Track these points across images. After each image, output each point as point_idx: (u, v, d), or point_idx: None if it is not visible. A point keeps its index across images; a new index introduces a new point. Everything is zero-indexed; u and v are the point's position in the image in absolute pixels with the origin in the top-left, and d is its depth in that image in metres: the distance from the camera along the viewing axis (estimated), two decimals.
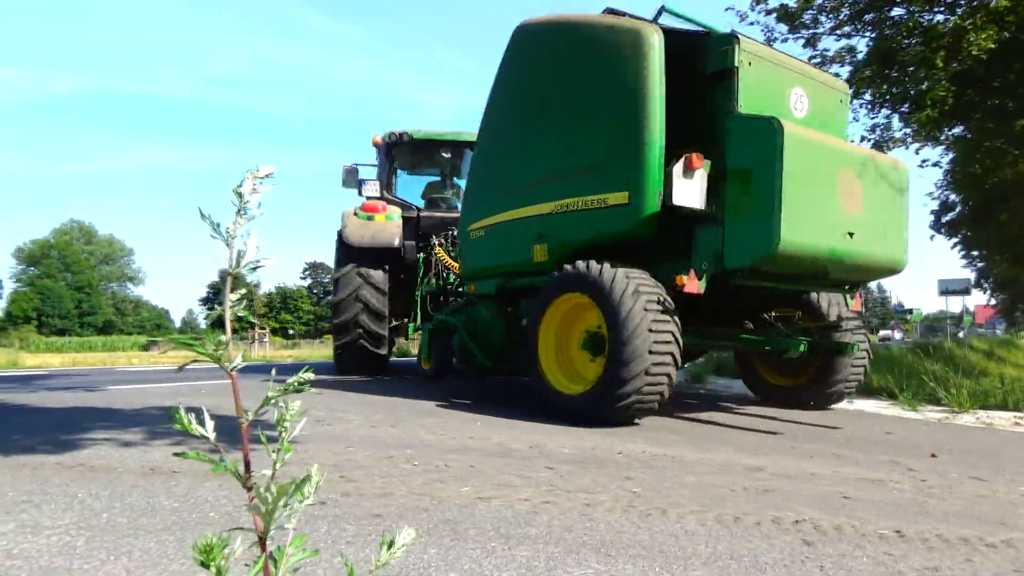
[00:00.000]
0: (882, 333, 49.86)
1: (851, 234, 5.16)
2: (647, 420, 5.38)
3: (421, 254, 9.43)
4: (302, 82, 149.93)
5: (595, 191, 5.37)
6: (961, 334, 26.09)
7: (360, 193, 9.80)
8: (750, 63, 5.22)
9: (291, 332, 71.42)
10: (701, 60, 5.31)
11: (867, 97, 13.39)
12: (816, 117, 5.61)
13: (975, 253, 30.36)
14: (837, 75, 9.84)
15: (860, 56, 12.78)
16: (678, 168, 4.99)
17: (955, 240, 27.57)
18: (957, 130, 14.97)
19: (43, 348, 52.01)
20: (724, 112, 5.13)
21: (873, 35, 12.53)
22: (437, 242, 9.13)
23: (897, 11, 12.31)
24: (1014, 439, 5.05)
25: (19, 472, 3.20)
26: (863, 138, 14.15)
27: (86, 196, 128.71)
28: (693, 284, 4.92)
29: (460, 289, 8.58)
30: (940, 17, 12.27)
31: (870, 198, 5.33)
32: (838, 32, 12.68)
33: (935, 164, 17.75)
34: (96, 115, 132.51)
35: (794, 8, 12.36)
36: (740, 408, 6.35)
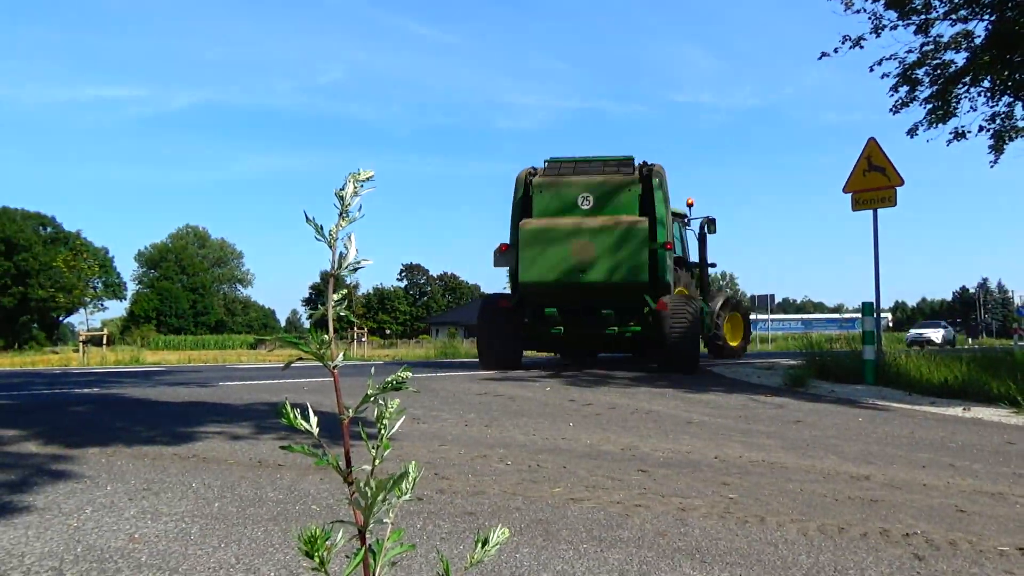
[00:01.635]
0: (912, 333, 41.84)
1: (582, 272, 9.17)
2: (743, 424, 5.23)
3: None
4: (400, 89, 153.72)
5: None
6: None
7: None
8: (541, 191, 9.73)
9: (388, 332, 73.36)
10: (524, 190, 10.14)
11: (986, 84, 12.53)
12: (600, 205, 9.55)
13: None
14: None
15: (978, 41, 11.96)
16: (496, 250, 10.03)
17: None
18: None
19: (161, 346, 55.50)
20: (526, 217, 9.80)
21: (992, 18, 11.70)
22: None
23: None
24: None
25: (140, 461, 3.43)
26: (981, 128, 13.25)
27: (200, 202, 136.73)
28: (507, 304, 9.98)
29: None
30: None
31: (603, 248, 9.13)
32: (953, 16, 11.91)
33: None
34: (209, 126, 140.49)
35: None
36: (845, 413, 6.08)
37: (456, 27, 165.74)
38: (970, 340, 60.46)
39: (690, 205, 13.16)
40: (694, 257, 13.32)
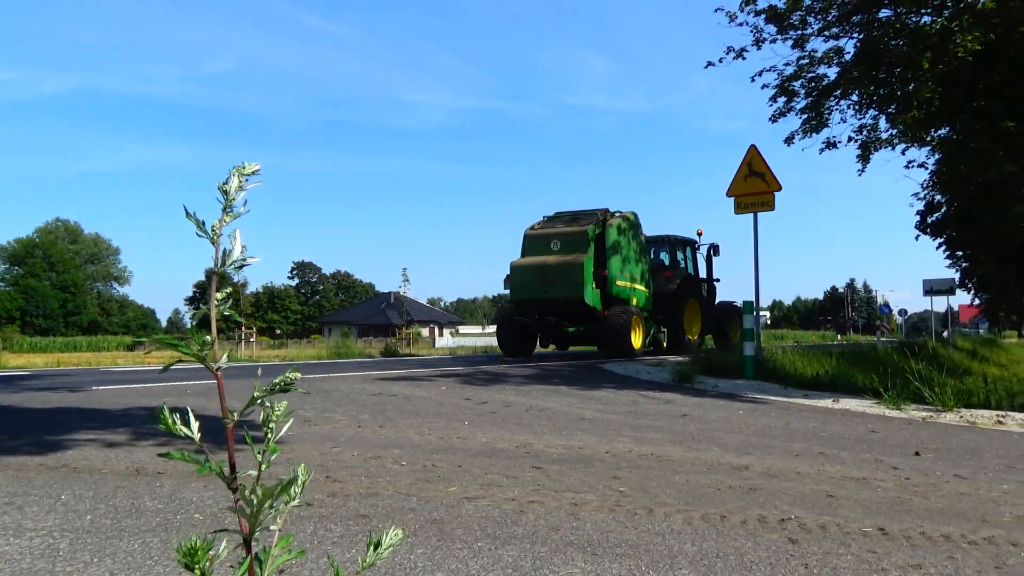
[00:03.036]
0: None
1: (545, 292, 12.79)
2: (633, 419, 5.41)
3: None
4: (293, 82, 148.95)
5: None
6: (945, 334, 26.27)
7: None
8: (529, 240, 13.37)
9: (278, 332, 71.11)
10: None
11: (854, 98, 13.48)
12: (565, 248, 12.97)
13: (959, 253, 30.66)
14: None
15: (848, 57, 12.85)
16: (505, 279, 13.68)
17: (940, 240, 27.81)
18: (943, 131, 15.10)
19: (27, 348, 51.52)
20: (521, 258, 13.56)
21: (861, 36, 12.59)
22: None
23: (885, 12, 12.38)
24: (996, 437, 5.10)
25: (2, 473, 3.18)
26: (850, 139, 14.24)
27: (73, 195, 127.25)
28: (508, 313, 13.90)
29: None
30: (927, 18, 12.36)
31: (558, 277, 12.66)
32: (826, 33, 12.73)
33: (921, 165, 17.84)
34: (83, 114, 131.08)
35: (783, 9, 12.40)
36: (727, 407, 6.39)
37: (350, 20, 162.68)
38: (839, 336, 64.93)
39: (699, 234, 16.75)
40: (705, 271, 17.00)
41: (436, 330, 62.54)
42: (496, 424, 5.02)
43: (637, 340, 13.22)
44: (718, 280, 16.89)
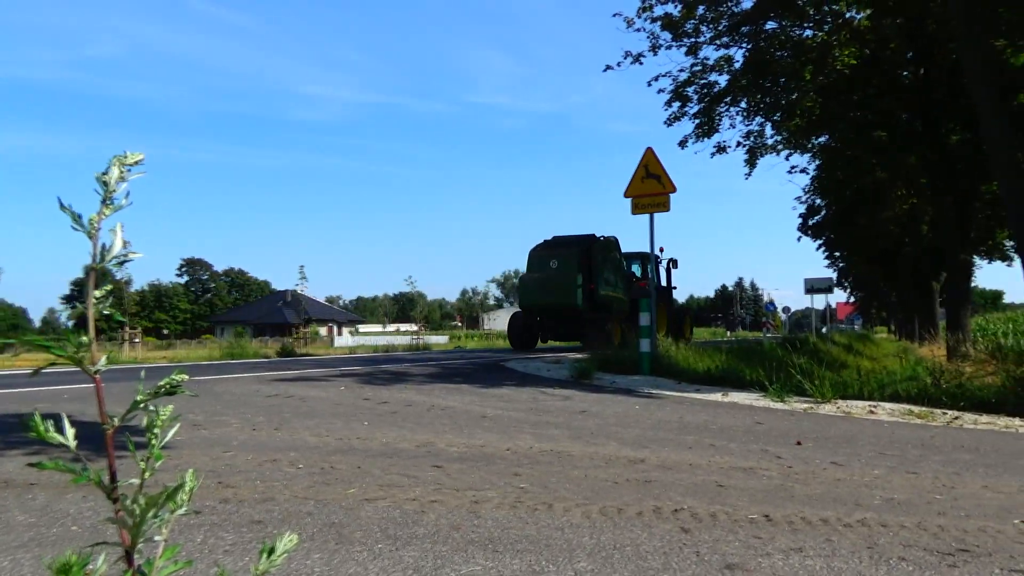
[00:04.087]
0: None
1: (546, 298, 16.14)
2: (533, 416, 5.48)
3: None
4: (184, 69, 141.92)
5: None
6: (824, 329, 27.95)
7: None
8: (533, 258, 16.60)
9: (165, 332, 67.74)
10: None
11: (743, 105, 14.13)
12: (562, 266, 15.94)
13: (837, 254, 32.78)
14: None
15: (737, 65, 13.45)
16: (516, 288, 22.66)
17: (820, 242, 29.67)
18: (823, 139, 16.07)
19: None
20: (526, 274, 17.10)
21: (749, 46, 13.21)
22: None
23: (771, 24, 13.04)
24: (869, 426, 5.48)
25: None
26: (739, 143, 14.92)
27: None
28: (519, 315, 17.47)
29: None
30: (809, 32, 13.11)
31: (554, 287, 15.99)
32: (717, 42, 13.29)
33: (803, 170, 19.01)
34: None
35: (677, 17, 12.85)
36: (624, 402, 6.57)
37: (248, 8, 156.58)
38: (728, 333, 67.96)
39: (661, 250, 21.50)
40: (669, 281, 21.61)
41: (335, 329, 61.32)
42: (397, 424, 4.97)
43: (616, 337, 16.07)
44: (675, 288, 21.46)
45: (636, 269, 20.10)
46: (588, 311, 16.28)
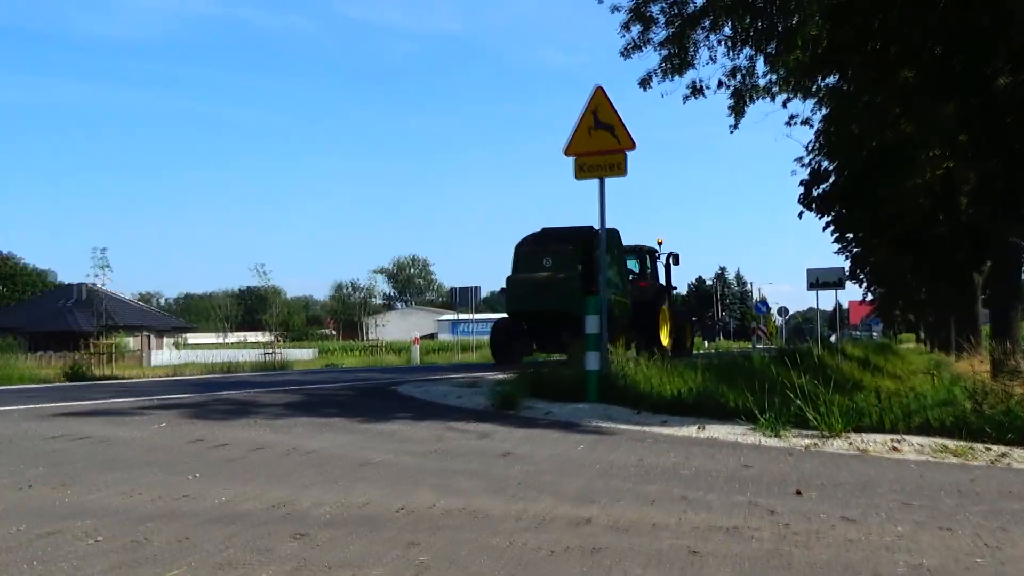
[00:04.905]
0: None
1: (540, 303, 19.10)
2: (437, 462, 5.48)
3: None
4: None
5: None
6: (833, 338, 28.95)
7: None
8: (523, 257, 19.99)
9: None
10: None
11: (727, 31, 14.35)
12: (557, 265, 19.16)
13: (850, 236, 33.70)
14: None
15: None
16: (500, 291, 24.20)
17: (827, 219, 30.28)
18: (831, 80, 16.44)
19: None
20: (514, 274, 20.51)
21: None
22: None
23: None
24: (890, 467, 5.70)
25: None
26: (721, 83, 15.22)
27: None
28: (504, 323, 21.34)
29: None
30: None
31: (552, 290, 18.77)
32: None
33: (805, 122, 19.30)
34: None
35: None
36: (564, 441, 6.63)
37: None
38: (706, 344, 69.47)
39: (660, 244, 24.28)
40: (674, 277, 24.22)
41: (151, 340, 59.87)
42: (240, 476, 4.89)
43: (620, 347, 16.52)
44: (675, 288, 24.29)
45: (634, 265, 22.35)
46: None
